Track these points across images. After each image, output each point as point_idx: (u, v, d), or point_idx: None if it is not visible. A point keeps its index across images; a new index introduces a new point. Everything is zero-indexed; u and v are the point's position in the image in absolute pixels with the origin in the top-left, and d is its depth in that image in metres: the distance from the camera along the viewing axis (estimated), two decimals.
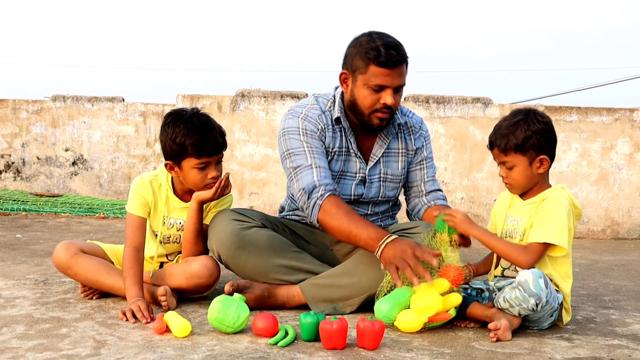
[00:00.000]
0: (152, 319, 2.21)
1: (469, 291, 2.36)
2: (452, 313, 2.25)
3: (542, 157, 2.28)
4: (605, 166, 5.49)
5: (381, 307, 2.21)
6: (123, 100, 6.22)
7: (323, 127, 2.54)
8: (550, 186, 2.36)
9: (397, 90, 2.45)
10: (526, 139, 2.26)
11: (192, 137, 2.40)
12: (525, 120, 2.28)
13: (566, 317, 2.33)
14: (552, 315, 2.26)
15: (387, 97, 2.42)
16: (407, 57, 2.45)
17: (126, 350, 1.93)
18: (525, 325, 2.28)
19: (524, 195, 2.37)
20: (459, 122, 5.49)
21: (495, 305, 2.22)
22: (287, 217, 2.74)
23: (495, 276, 2.40)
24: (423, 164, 2.70)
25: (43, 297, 2.58)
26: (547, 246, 2.24)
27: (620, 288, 3.19)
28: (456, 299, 2.24)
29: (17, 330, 2.11)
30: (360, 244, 2.34)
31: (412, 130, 2.70)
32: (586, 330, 2.32)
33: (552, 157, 2.32)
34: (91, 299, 2.55)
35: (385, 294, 2.27)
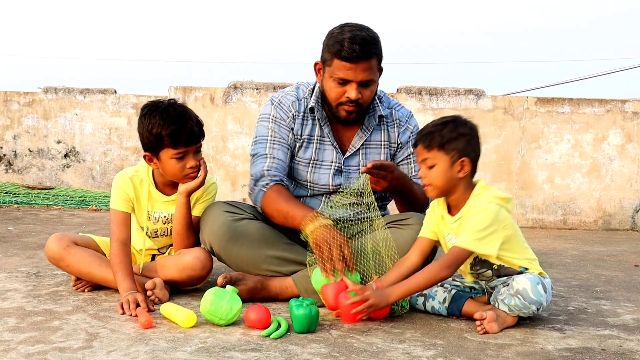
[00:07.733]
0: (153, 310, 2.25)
1: (461, 288, 2.36)
2: (404, 304, 2.30)
3: (464, 159, 2.20)
4: (597, 157, 5.50)
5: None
6: (115, 92, 6.19)
7: (294, 113, 2.60)
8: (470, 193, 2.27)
9: (365, 84, 2.45)
10: (451, 139, 2.20)
11: (168, 128, 2.40)
12: (454, 122, 2.24)
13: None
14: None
15: (351, 92, 2.44)
16: (375, 52, 2.42)
17: (118, 342, 1.93)
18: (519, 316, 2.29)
19: (451, 209, 2.29)
20: (452, 113, 5.47)
21: (492, 304, 2.22)
22: None
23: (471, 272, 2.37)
24: (410, 159, 2.69)
25: (35, 289, 2.57)
26: (468, 252, 2.17)
27: (612, 279, 3.20)
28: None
29: (9, 323, 2.10)
30: (296, 221, 2.36)
31: (397, 124, 2.68)
32: (578, 321, 2.34)
33: (474, 164, 2.24)
34: (83, 291, 2.55)
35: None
